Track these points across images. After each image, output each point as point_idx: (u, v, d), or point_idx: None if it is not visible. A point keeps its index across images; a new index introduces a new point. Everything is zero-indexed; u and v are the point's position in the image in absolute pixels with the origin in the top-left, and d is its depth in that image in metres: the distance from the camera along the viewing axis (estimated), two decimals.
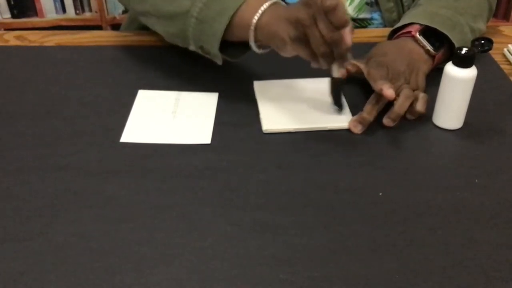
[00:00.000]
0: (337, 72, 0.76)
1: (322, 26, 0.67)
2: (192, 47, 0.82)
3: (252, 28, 0.74)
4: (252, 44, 0.76)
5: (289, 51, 0.73)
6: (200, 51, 0.82)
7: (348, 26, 0.68)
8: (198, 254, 0.60)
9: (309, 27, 0.68)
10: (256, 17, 0.73)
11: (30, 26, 2.35)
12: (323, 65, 0.72)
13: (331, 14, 0.66)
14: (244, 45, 0.79)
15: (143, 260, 0.59)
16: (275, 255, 0.60)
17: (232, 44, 0.80)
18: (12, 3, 2.35)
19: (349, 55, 0.72)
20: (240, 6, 0.75)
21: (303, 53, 0.72)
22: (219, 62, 0.81)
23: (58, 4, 2.39)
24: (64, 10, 2.41)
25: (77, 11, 2.42)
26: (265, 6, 0.74)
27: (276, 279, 0.57)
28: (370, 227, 0.64)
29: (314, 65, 0.73)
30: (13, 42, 1.02)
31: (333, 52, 0.70)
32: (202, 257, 0.60)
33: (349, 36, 0.69)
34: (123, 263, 0.59)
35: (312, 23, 0.67)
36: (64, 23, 2.40)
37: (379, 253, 0.60)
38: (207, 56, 0.82)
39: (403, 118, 0.79)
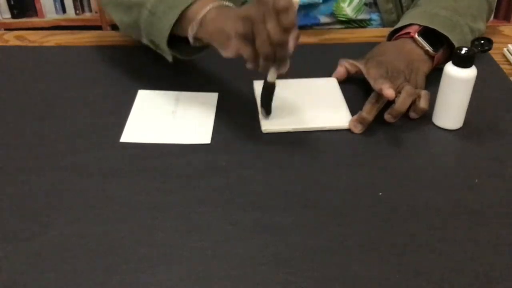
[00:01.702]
0: (273, 76, 0.74)
1: (270, 25, 0.66)
2: (144, 40, 0.83)
3: (196, 22, 0.74)
4: (190, 37, 0.76)
5: (231, 48, 0.70)
6: (151, 45, 0.83)
7: (295, 31, 0.67)
8: (198, 254, 0.60)
9: (258, 25, 0.67)
10: (202, 12, 0.73)
11: (30, 26, 2.35)
12: (261, 66, 0.70)
13: (282, 15, 0.65)
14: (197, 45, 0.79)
15: (143, 260, 0.59)
16: (275, 255, 0.60)
17: (186, 43, 0.79)
18: (12, 3, 2.35)
19: (288, 61, 0.71)
20: (192, 3, 0.75)
21: (245, 51, 0.70)
22: (169, 58, 0.81)
23: (58, 4, 2.39)
24: (64, 10, 2.41)
25: (77, 11, 2.42)
26: (214, 4, 0.74)
27: (276, 279, 0.57)
28: (370, 227, 0.64)
29: (250, 65, 0.71)
30: (13, 42, 1.02)
31: (275, 54, 0.69)
32: (202, 257, 0.60)
33: (293, 41, 0.67)
34: (123, 263, 0.59)
35: (261, 21, 0.66)
36: (64, 23, 2.40)
37: (379, 253, 0.60)
38: (159, 51, 0.82)
39: (404, 117, 0.79)
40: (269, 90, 0.77)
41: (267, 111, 0.79)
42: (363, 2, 1.02)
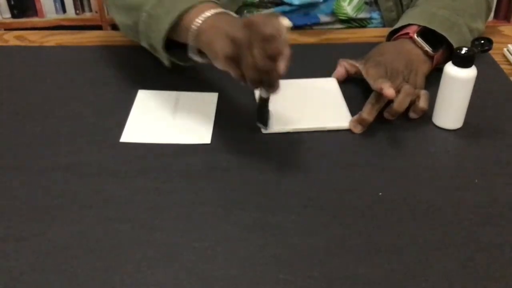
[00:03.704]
0: (266, 93, 0.73)
1: (256, 52, 0.63)
2: (143, 43, 0.83)
3: (192, 32, 0.72)
4: (189, 48, 0.75)
5: (219, 65, 0.70)
6: (150, 49, 0.83)
7: (285, 54, 0.64)
8: (198, 254, 0.60)
9: (244, 50, 0.65)
10: (197, 21, 0.72)
11: (30, 26, 2.35)
12: (250, 87, 0.69)
13: (268, 43, 0.62)
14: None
15: (143, 260, 0.59)
16: (275, 255, 0.60)
17: (185, 47, 0.78)
18: (12, 3, 2.35)
19: (277, 84, 0.68)
20: (189, 8, 0.74)
21: (232, 72, 0.69)
22: (166, 62, 0.81)
23: (58, 4, 2.38)
24: (64, 10, 2.41)
25: (77, 11, 2.42)
26: (210, 12, 0.72)
27: (276, 279, 0.57)
28: (370, 227, 0.64)
29: (242, 84, 0.70)
30: (13, 42, 1.02)
31: (263, 79, 0.66)
32: (202, 257, 0.60)
33: (283, 65, 0.64)
34: (123, 263, 0.59)
35: (247, 47, 0.64)
36: (64, 23, 2.39)
37: (379, 253, 0.60)
38: (157, 55, 0.82)
39: (404, 117, 0.79)
40: (264, 105, 0.76)
41: (265, 124, 0.78)
42: (363, 1, 1.02)
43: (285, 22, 0.65)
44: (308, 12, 1.04)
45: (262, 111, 0.77)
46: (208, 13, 0.72)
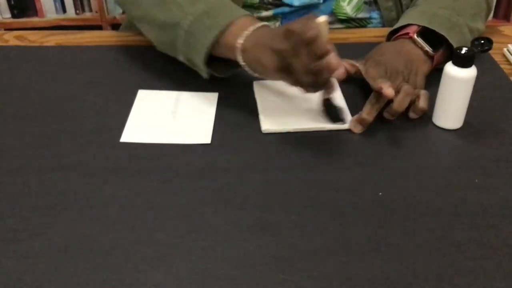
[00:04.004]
0: (326, 93, 0.76)
1: (304, 57, 0.66)
2: (181, 58, 0.83)
3: (239, 51, 0.74)
4: (244, 66, 0.76)
5: (272, 79, 0.73)
6: (188, 63, 0.83)
7: (331, 50, 0.67)
8: (198, 254, 0.60)
9: (292, 58, 0.68)
10: (240, 41, 0.74)
11: (30, 26, 2.35)
12: (308, 92, 0.72)
13: (313, 45, 0.65)
14: (232, 63, 0.79)
15: (143, 260, 0.59)
16: (275, 255, 0.60)
17: (222, 60, 0.80)
18: (12, 3, 2.35)
19: (333, 83, 0.72)
20: (228, 25, 0.76)
21: (288, 82, 0.72)
22: (205, 75, 0.81)
23: (58, 4, 2.39)
24: (64, 10, 2.41)
25: (77, 11, 2.42)
26: (249, 30, 0.74)
27: (276, 279, 0.57)
28: (370, 227, 0.64)
29: (302, 91, 0.73)
30: (13, 42, 1.02)
31: (318, 79, 0.69)
32: (202, 257, 0.60)
33: (334, 61, 0.68)
34: (123, 263, 0.59)
35: (294, 54, 0.67)
36: (64, 23, 2.40)
37: (379, 253, 0.60)
38: (195, 68, 0.82)
39: (403, 117, 0.79)
40: (329, 103, 0.78)
41: (341, 120, 0.79)
42: (362, 1, 1.02)
43: (321, 19, 0.68)
44: (307, 12, 1.04)
45: (331, 111, 0.79)
46: (247, 32, 0.74)
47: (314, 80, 0.69)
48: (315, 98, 0.84)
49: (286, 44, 0.68)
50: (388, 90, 0.74)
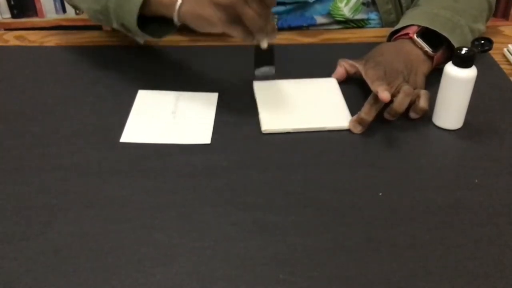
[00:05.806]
0: (266, 43, 0.77)
1: (255, 5, 0.70)
2: (115, 25, 0.83)
3: (176, 7, 0.74)
4: (177, 23, 0.77)
5: (218, 31, 0.74)
6: (122, 29, 0.83)
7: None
8: (198, 254, 0.60)
9: (242, 8, 0.70)
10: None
11: (30, 26, 2.35)
12: (256, 40, 0.75)
13: None
14: (167, 23, 0.79)
15: (143, 260, 0.59)
16: (275, 255, 0.60)
17: (158, 23, 0.80)
18: (12, 3, 2.35)
19: (276, 28, 0.77)
20: None
21: (236, 33, 0.74)
22: (141, 40, 0.82)
23: (58, 4, 2.38)
24: (64, 10, 2.41)
25: (77, 11, 2.41)
26: None
27: (276, 279, 0.57)
28: (370, 227, 0.64)
29: (247, 41, 0.75)
30: (13, 42, 1.02)
31: (268, 25, 0.73)
32: (202, 257, 0.60)
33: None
34: (123, 263, 0.59)
35: (244, 4, 0.70)
36: (64, 23, 2.39)
37: (379, 253, 0.60)
38: (130, 34, 0.82)
39: (404, 117, 0.79)
40: (263, 52, 0.80)
41: (270, 63, 0.83)
42: (360, 2, 1.02)
43: None
44: (303, 13, 1.04)
45: (265, 55, 0.82)
46: None
47: (264, 25, 0.72)
48: (315, 98, 0.84)
49: None
50: (383, 94, 0.74)
